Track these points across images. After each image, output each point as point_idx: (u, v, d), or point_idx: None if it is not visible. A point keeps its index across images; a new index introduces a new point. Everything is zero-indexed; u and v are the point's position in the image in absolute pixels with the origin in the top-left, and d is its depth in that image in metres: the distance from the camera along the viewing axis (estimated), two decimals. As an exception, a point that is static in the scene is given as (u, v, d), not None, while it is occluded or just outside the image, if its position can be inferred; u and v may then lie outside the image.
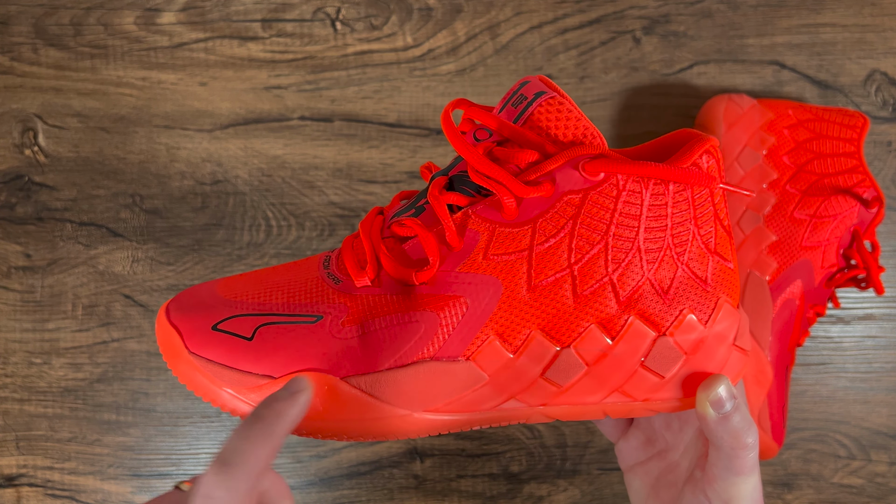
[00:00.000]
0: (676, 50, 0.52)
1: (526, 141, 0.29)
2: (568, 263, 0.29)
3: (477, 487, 0.53)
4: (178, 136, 0.52)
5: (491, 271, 0.29)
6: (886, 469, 0.53)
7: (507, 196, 0.29)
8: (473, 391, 0.30)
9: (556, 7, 0.52)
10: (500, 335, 0.30)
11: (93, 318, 0.52)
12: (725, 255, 0.31)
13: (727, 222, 0.31)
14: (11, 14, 0.52)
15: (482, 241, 0.29)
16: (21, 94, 0.52)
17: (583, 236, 0.29)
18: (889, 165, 0.52)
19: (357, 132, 0.52)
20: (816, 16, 0.52)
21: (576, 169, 0.29)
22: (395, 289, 0.30)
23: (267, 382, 0.29)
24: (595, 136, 0.29)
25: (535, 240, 0.29)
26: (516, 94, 0.30)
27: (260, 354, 0.29)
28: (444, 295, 0.29)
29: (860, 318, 0.53)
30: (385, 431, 0.30)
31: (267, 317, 0.30)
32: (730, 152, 0.48)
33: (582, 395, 0.31)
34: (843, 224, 0.47)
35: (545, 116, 0.29)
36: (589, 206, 0.29)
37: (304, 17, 0.52)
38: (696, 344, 0.31)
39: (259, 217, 0.52)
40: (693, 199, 0.29)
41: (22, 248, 0.52)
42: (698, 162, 0.29)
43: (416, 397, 0.30)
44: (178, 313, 0.30)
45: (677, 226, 0.30)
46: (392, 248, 0.31)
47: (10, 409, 0.52)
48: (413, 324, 0.29)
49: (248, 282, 0.32)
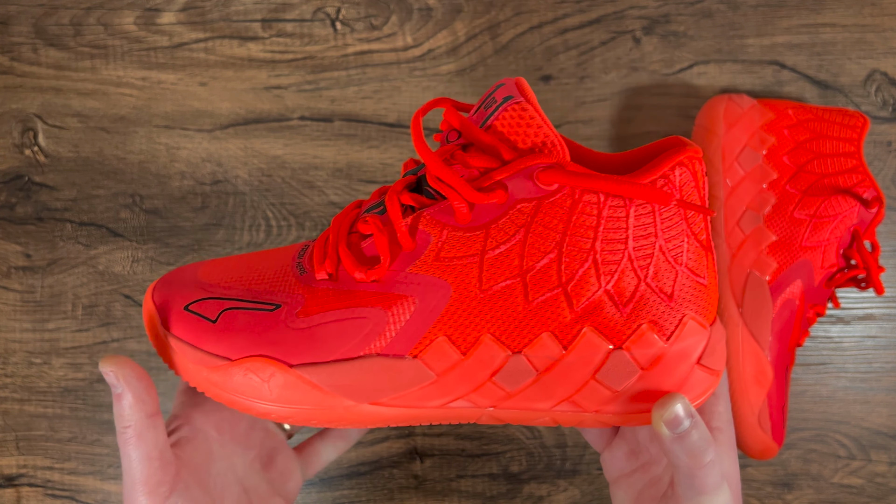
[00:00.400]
0: (676, 50, 0.52)
1: (484, 146, 0.29)
2: (520, 271, 0.29)
3: (477, 487, 0.53)
4: (178, 136, 0.52)
5: (441, 274, 0.30)
6: (886, 469, 0.53)
7: (458, 201, 0.29)
8: (420, 388, 0.31)
9: (556, 7, 0.52)
10: (448, 336, 0.30)
11: (93, 318, 0.52)
12: (698, 271, 0.30)
13: (704, 237, 0.30)
14: (11, 14, 0.52)
15: (434, 243, 0.30)
16: (21, 94, 0.52)
17: (535, 245, 0.29)
18: (889, 165, 0.52)
19: (357, 132, 0.52)
20: (816, 16, 0.52)
21: (529, 178, 0.29)
22: (349, 284, 0.31)
23: (224, 364, 0.30)
24: (555, 145, 0.29)
25: (486, 245, 0.29)
26: (489, 97, 0.30)
27: (221, 337, 0.31)
28: (393, 294, 0.30)
29: (860, 318, 0.53)
30: (331, 420, 0.31)
31: (232, 301, 0.31)
32: (730, 152, 0.48)
33: (531, 402, 0.31)
34: (843, 224, 0.47)
35: (508, 122, 0.29)
36: (542, 216, 0.29)
37: (304, 17, 0.52)
38: (655, 359, 0.30)
39: (259, 217, 0.52)
40: (659, 212, 0.29)
41: (22, 248, 0.52)
42: (669, 175, 0.29)
43: (361, 390, 0.30)
44: (161, 291, 0.33)
45: (639, 238, 0.29)
46: (353, 244, 0.31)
47: (10, 409, 0.52)
48: (361, 319, 0.30)
49: (227, 265, 0.34)
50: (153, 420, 0.31)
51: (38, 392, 0.52)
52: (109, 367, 0.30)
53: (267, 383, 0.30)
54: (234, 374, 0.31)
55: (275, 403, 0.31)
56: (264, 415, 0.31)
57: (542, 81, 0.52)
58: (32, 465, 0.52)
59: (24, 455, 0.52)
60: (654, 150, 0.32)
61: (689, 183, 0.29)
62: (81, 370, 0.52)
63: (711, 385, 0.32)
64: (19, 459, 0.52)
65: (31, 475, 0.52)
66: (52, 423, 0.52)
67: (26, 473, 0.52)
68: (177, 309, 0.32)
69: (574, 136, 0.52)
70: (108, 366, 0.30)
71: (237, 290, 0.32)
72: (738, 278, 0.47)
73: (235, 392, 0.31)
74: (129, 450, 0.30)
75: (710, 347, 0.31)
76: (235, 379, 0.31)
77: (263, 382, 0.30)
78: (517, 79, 0.30)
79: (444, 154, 0.30)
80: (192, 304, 0.31)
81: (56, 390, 0.52)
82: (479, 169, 0.29)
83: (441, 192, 0.30)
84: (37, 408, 0.52)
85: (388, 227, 0.31)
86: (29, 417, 0.52)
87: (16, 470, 0.52)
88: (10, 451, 0.52)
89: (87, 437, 0.52)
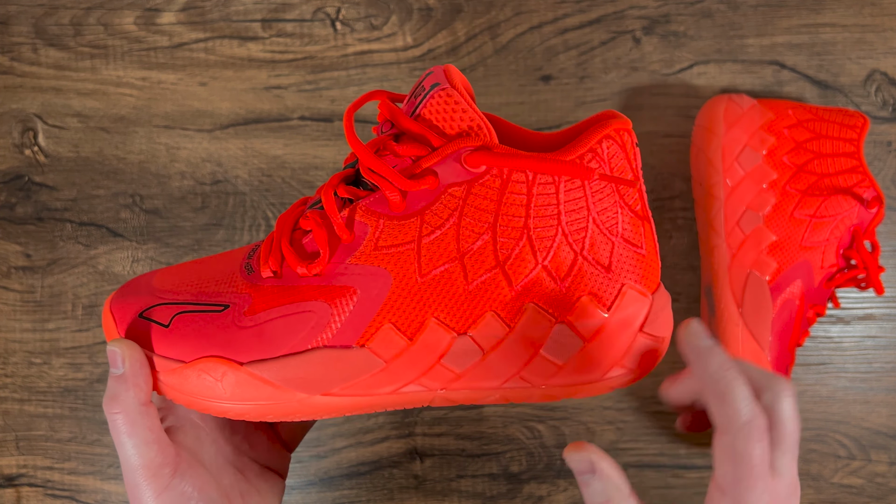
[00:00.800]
0: (676, 50, 0.52)
1: (414, 135, 0.30)
2: (457, 254, 0.30)
3: (477, 487, 0.53)
4: (178, 136, 0.52)
5: (380, 262, 0.30)
6: (886, 469, 0.53)
7: (390, 190, 0.30)
8: (370, 376, 0.31)
9: (556, 7, 0.52)
10: (394, 323, 0.31)
11: (93, 318, 0.52)
12: (634, 241, 0.31)
13: (639, 207, 0.31)
14: (11, 14, 0.52)
15: (371, 233, 0.30)
16: (21, 94, 0.52)
17: (469, 227, 0.30)
18: (889, 165, 0.52)
19: (357, 132, 0.52)
20: (816, 16, 0.52)
21: (458, 161, 0.29)
22: (293, 280, 0.31)
23: (179, 367, 0.31)
24: (482, 128, 0.29)
25: (422, 231, 0.30)
26: (419, 86, 0.31)
27: (174, 340, 0.31)
28: (335, 286, 0.31)
29: (860, 318, 0.53)
30: (286, 413, 0.32)
31: (183, 305, 0.32)
32: (730, 152, 0.48)
33: (480, 381, 0.32)
34: (842, 224, 0.47)
35: (435, 109, 0.30)
36: (473, 198, 0.29)
37: (304, 17, 0.52)
38: (597, 330, 0.31)
39: (259, 217, 0.52)
40: (588, 186, 0.30)
41: (22, 248, 0.52)
42: (596, 148, 0.29)
43: (312, 382, 0.31)
44: (117, 301, 0.33)
45: (571, 213, 0.30)
46: (296, 240, 0.32)
47: (10, 409, 0.52)
48: (307, 313, 0.31)
49: (179, 272, 0.34)
50: (146, 408, 0.31)
51: (38, 392, 0.52)
52: (118, 346, 0.31)
53: (220, 382, 0.31)
54: (189, 375, 0.31)
55: (230, 401, 0.31)
56: (222, 413, 0.32)
57: (542, 81, 0.52)
58: (32, 465, 0.52)
59: (25, 455, 0.52)
60: (584, 126, 0.32)
61: (619, 155, 0.30)
62: (81, 370, 0.52)
63: (656, 352, 0.33)
64: (19, 459, 0.52)
65: (31, 475, 0.52)
66: (52, 423, 0.52)
67: (26, 473, 0.52)
68: (132, 316, 0.32)
69: (574, 136, 0.52)
70: (118, 345, 0.31)
71: (188, 294, 0.32)
72: (738, 278, 0.47)
73: (192, 393, 0.32)
74: (122, 437, 0.31)
75: (652, 314, 0.32)
76: (190, 381, 0.31)
77: (217, 382, 0.31)
78: (445, 66, 0.31)
79: (377, 145, 0.30)
80: (146, 311, 0.32)
81: (56, 390, 0.52)
82: (410, 157, 0.30)
83: (375, 182, 0.30)
84: (37, 408, 0.52)
85: (325, 221, 0.31)
86: (29, 417, 0.52)
87: (16, 470, 0.52)
88: (11, 451, 0.52)
89: (87, 437, 0.52)
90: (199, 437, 0.35)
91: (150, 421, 0.31)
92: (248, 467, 0.37)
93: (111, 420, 0.31)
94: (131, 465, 0.31)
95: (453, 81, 0.30)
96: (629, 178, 0.30)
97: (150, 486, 0.31)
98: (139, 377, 0.31)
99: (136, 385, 0.31)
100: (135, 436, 0.30)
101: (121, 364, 0.31)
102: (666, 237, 0.53)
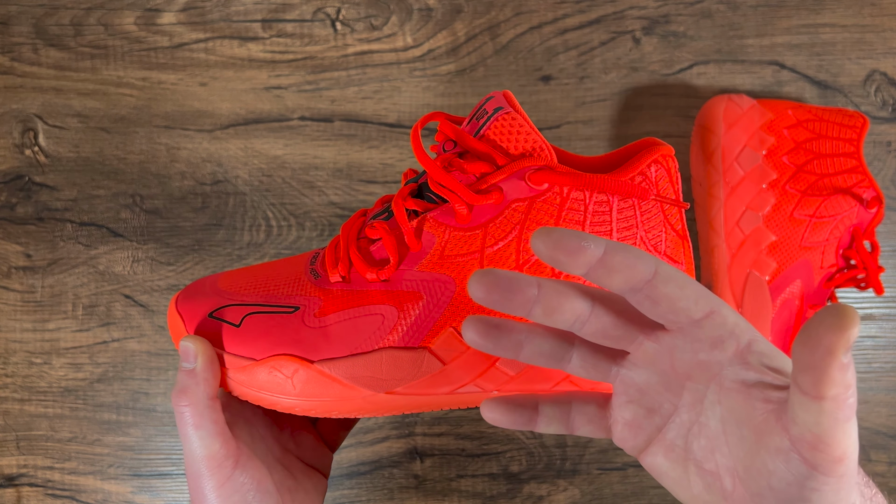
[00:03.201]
0: (676, 50, 0.52)
1: (479, 153, 0.33)
2: (517, 264, 0.32)
3: (477, 487, 0.53)
4: (178, 136, 0.52)
5: (446, 270, 0.33)
6: (886, 469, 0.53)
7: (458, 203, 0.32)
8: (431, 377, 0.33)
9: (556, 7, 0.52)
10: (455, 327, 0.33)
11: (93, 318, 0.52)
12: (676, 258, 0.34)
13: (680, 227, 0.34)
14: (12, 14, 0.52)
15: (438, 243, 0.33)
16: (21, 95, 0.52)
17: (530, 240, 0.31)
18: (888, 165, 0.52)
19: (357, 132, 0.52)
20: (816, 16, 0.52)
21: (522, 179, 0.32)
22: (361, 284, 0.34)
23: (250, 364, 0.33)
24: (543, 149, 0.32)
25: (485, 242, 0.32)
26: (480, 109, 0.34)
27: (246, 339, 0.33)
28: (403, 291, 0.33)
29: (860, 318, 0.53)
30: (351, 410, 0.34)
31: (254, 307, 0.34)
32: (729, 152, 0.48)
33: (532, 383, 0.34)
34: (842, 224, 0.47)
35: (499, 131, 0.32)
36: (535, 213, 0.32)
37: (304, 17, 0.52)
38: None
39: (259, 217, 0.52)
40: (639, 206, 0.32)
41: (22, 248, 0.52)
42: (645, 171, 0.32)
43: (378, 381, 0.33)
44: (184, 302, 0.35)
45: (623, 230, 0.33)
46: (363, 248, 0.34)
47: (10, 409, 0.52)
48: (375, 316, 0.33)
49: (244, 275, 0.36)
50: (213, 402, 0.32)
51: (38, 392, 0.52)
52: (191, 342, 0.32)
53: (291, 379, 0.33)
54: (259, 372, 0.33)
55: (298, 398, 0.33)
56: (289, 409, 0.33)
57: (542, 81, 0.52)
58: (33, 465, 0.52)
59: (25, 455, 0.52)
60: (630, 151, 0.35)
61: (664, 179, 0.33)
62: (82, 370, 0.52)
63: None
64: (20, 459, 0.52)
65: (31, 475, 0.53)
66: (53, 422, 0.52)
67: (27, 473, 0.53)
68: (201, 316, 0.34)
69: (574, 136, 0.52)
70: (191, 341, 0.32)
71: (257, 296, 0.35)
72: (738, 278, 0.47)
73: (261, 389, 0.33)
74: (188, 429, 0.32)
75: None
76: (260, 377, 0.33)
77: (287, 378, 0.33)
78: (504, 91, 0.34)
79: (444, 162, 0.33)
80: (215, 312, 0.34)
81: (56, 390, 0.52)
82: (475, 174, 0.32)
83: (443, 196, 0.33)
84: (37, 408, 0.52)
85: (395, 231, 0.33)
86: (29, 417, 0.52)
87: (16, 470, 0.53)
88: (11, 450, 0.52)
89: (87, 437, 0.52)
90: (252, 433, 0.36)
91: (216, 415, 0.32)
92: (294, 465, 0.38)
93: (179, 412, 0.32)
94: (196, 457, 0.32)
95: (514, 106, 0.33)
96: (675, 199, 0.33)
97: (214, 476, 0.32)
98: (209, 372, 0.32)
99: (206, 380, 0.32)
100: (201, 428, 0.32)
101: (192, 359, 0.32)
102: (666, 237, 0.53)
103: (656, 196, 0.33)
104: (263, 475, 0.34)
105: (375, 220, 0.35)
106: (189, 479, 0.32)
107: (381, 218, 0.35)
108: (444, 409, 0.35)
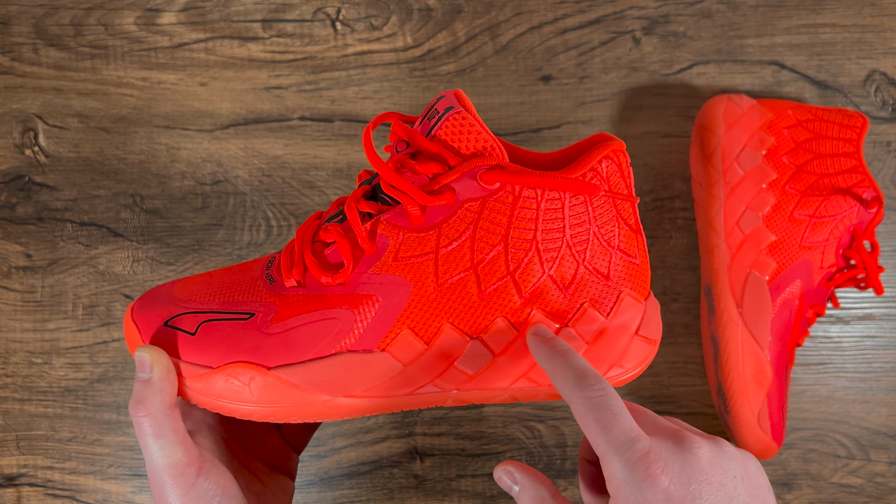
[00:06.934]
0: (676, 50, 0.52)
1: (431, 154, 0.33)
2: (471, 263, 0.32)
3: (477, 487, 0.53)
4: (178, 136, 0.52)
5: (400, 272, 0.33)
6: (886, 469, 0.53)
7: (411, 205, 0.32)
8: (389, 379, 0.33)
9: (556, 7, 0.52)
10: (412, 329, 0.33)
11: (93, 317, 0.52)
12: (630, 252, 0.34)
13: (633, 221, 0.34)
14: (12, 14, 0.52)
15: (392, 245, 0.33)
16: (21, 95, 0.52)
17: (483, 239, 0.32)
18: (888, 165, 0.52)
19: (357, 132, 0.52)
20: (816, 16, 0.52)
21: (474, 179, 0.32)
22: (317, 289, 0.33)
23: (206, 372, 0.33)
24: (495, 148, 0.32)
25: (439, 243, 0.32)
26: (432, 109, 0.34)
27: (201, 348, 0.33)
28: (359, 294, 0.33)
29: (859, 318, 0.53)
30: (311, 414, 0.34)
31: (209, 314, 0.34)
32: (729, 152, 0.48)
33: (491, 382, 0.34)
34: (842, 224, 0.47)
35: (450, 131, 0.32)
36: (487, 212, 0.32)
37: (305, 17, 0.52)
38: (598, 334, 0.34)
39: (259, 217, 0.52)
40: (591, 202, 0.33)
41: (22, 248, 0.52)
42: (597, 167, 0.32)
43: (336, 385, 0.33)
44: (139, 311, 0.35)
45: (575, 227, 0.33)
46: (318, 252, 0.34)
47: (10, 409, 0.52)
48: (331, 320, 0.33)
49: (199, 282, 0.36)
50: (172, 411, 0.32)
51: (38, 392, 0.52)
52: (146, 352, 0.32)
53: (248, 386, 0.33)
54: (216, 380, 0.33)
55: (257, 404, 0.33)
56: (248, 416, 0.33)
57: (542, 81, 0.52)
58: (33, 465, 0.52)
59: (25, 455, 0.52)
60: (582, 147, 0.35)
61: (616, 174, 0.33)
62: (82, 370, 0.52)
63: (650, 353, 0.36)
64: (20, 459, 0.52)
65: (31, 475, 0.53)
66: (53, 422, 0.52)
67: (27, 473, 0.53)
68: (156, 325, 0.34)
69: (574, 136, 0.52)
70: (146, 351, 0.32)
71: (212, 303, 0.34)
72: (738, 278, 0.47)
73: (219, 397, 0.33)
74: (148, 439, 0.31)
75: (646, 319, 0.35)
76: (217, 385, 0.33)
77: (244, 386, 0.33)
78: (456, 90, 0.34)
79: (396, 163, 0.33)
80: (171, 320, 0.34)
81: (56, 390, 0.52)
82: (427, 175, 0.32)
83: (395, 197, 0.33)
84: (37, 407, 0.52)
85: (349, 234, 0.33)
86: (29, 417, 0.52)
87: (16, 470, 0.53)
88: (11, 450, 0.52)
89: (87, 437, 0.52)
90: (215, 440, 0.36)
91: (176, 423, 0.32)
92: (259, 469, 0.38)
93: (137, 423, 0.32)
94: (157, 466, 0.31)
95: (465, 105, 0.33)
96: (626, 194, 0.33)
97: (177, 485, 0.32)
98: (165, 382, 0.32)
99: (163, 389, 0.32)
100: (161, 437, 0.31)
101: (148, 370, 0.32)
102: (666, 237, 0.53)
103: (607, 192, 0.33)
104: (228, 481, 0.33)
105: (330, 223, 0.35)
106: (153, 489, 0.32)
107: (336, 221, 0.34)
108: (405, 409, 0.35)
